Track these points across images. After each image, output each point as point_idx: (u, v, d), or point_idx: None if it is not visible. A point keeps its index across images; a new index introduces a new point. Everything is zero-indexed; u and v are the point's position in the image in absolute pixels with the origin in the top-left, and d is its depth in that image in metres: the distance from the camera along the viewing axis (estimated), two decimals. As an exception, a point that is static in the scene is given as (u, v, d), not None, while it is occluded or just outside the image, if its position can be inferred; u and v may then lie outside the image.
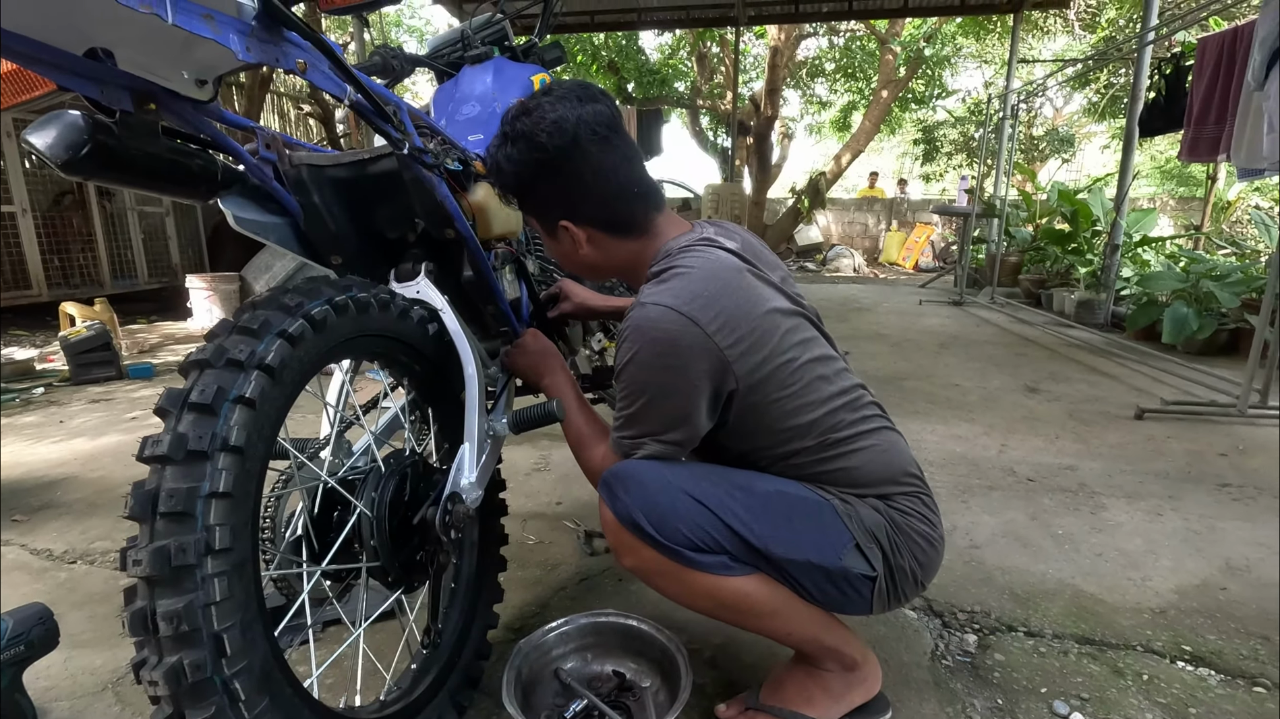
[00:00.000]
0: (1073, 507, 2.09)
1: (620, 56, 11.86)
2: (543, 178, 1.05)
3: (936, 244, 11.44)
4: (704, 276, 1.01)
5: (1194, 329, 4.08)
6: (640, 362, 1.00)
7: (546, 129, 1.01)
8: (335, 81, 0.96)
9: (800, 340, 1.07)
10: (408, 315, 1.13)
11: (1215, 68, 4.00)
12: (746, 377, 1.01)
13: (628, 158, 1.07)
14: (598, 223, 1.08)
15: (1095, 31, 11.66)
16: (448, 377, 1.22)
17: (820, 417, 1.06)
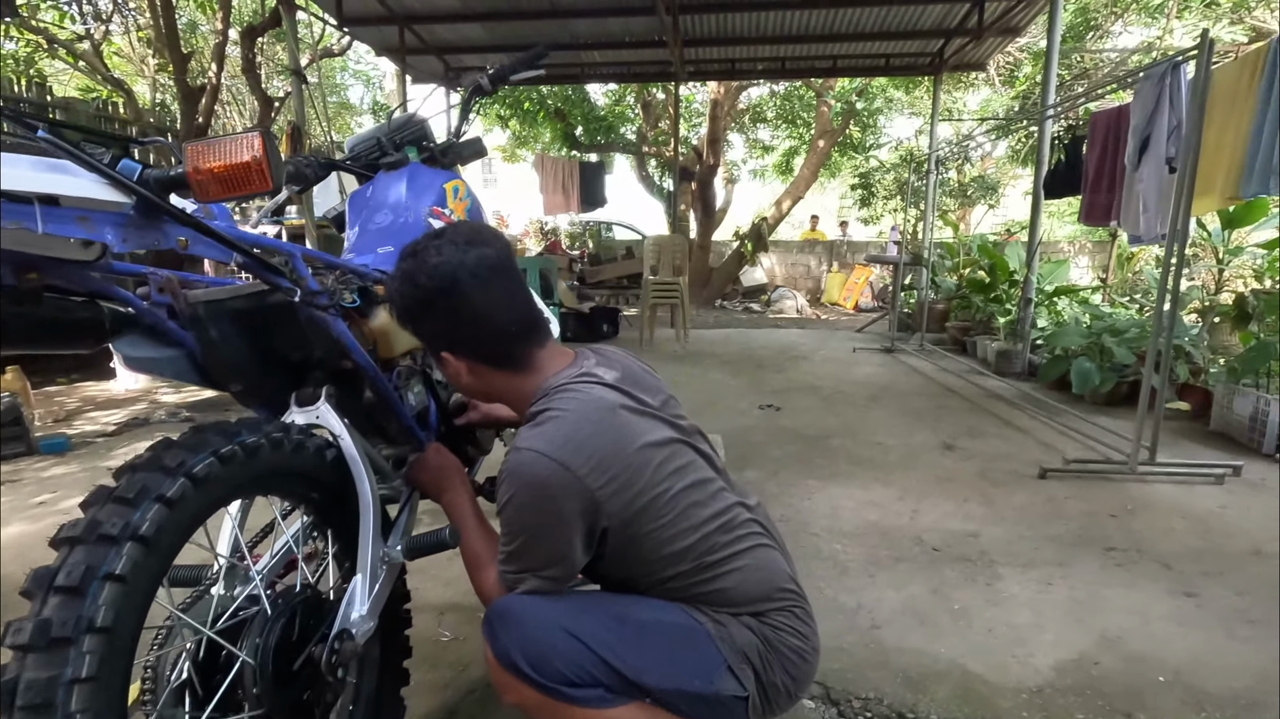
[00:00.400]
0: (971, 577, 2.21)
1: (567, 105, 12.10)
2: (424, 314, 1.14)
3: (875, 285, 11.87)
4: (577, 419, 1.08)
5: (1097, 382, 4.35)
6: (517, 504, 1.06)
7: (427, 272, 1.10)
8: (218, 249, 1.00)
9: (675, 469, 1.14)
10: (302, 448, 1.16)
11: (1105, 141, 4.36)
12: (619, 513, 1.07)
13: (509, 297, 1.15)
14: (477, 356, 1.17)
15: (1014, 85, 12.46)
16: (346, 500, 1.25)
17: (694, 542, 1.13)
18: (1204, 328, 4.54)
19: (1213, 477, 3.12)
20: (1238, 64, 3.28)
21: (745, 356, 6.29)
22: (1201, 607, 2.06)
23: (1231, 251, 4.52)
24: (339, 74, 15.19)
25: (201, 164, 0.87)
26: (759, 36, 7.57)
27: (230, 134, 0.89)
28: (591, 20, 7.14)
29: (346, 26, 7.05)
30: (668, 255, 7.15)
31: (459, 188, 1.85)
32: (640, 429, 1.13)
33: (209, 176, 0.87)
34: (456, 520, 1.31)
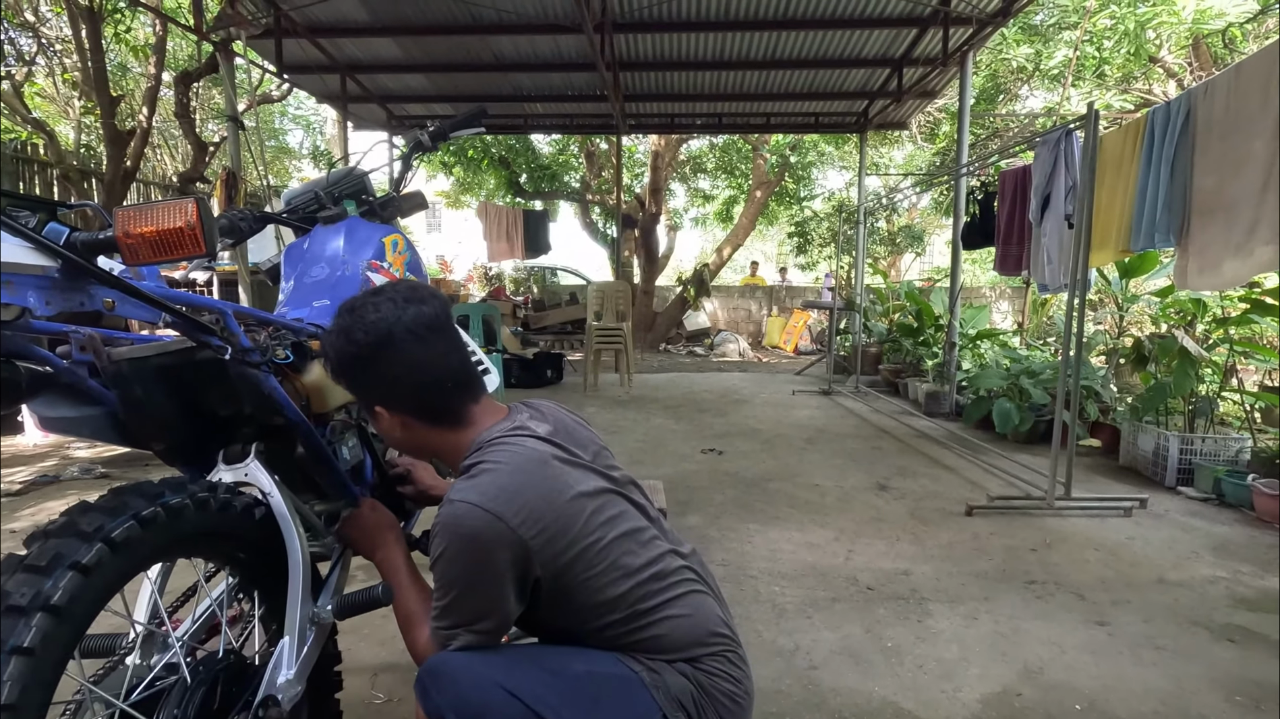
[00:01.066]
0: (903, 615, 2.29)
1: (511, 153, 12.27)
2: (359, 370, 1.16)
3: (813, 328, 12.28)
4: (510, 471, 1.10)
5: (1017, 422, 4.60)
6: (449, 557, 1.07)
7: (364, 328, 1.12)
8: (146, 309, 1.00)
9: (606, 519, 1.17)
10: (229, 507, 1.14)
11: (1013, 197, 4.71)
12: (551, 563, 1.09)
13: (444, 355, 1.17)
14: (410, 411, 1.18)
15: (935, 142, 13.32)
16: (276, 559, 1.23)
17: (627, 590, 1.15)
18: (1109, 370, 4.89)
19: (1121, 509, 3.33)
20: (1121, 131, 3.63)
21: (688, 400, 6.38)
22: (1112, 635, 2.18)
23: (1129, 299, 4.90)
24: (278, 119, 15.02)
25: (132, 228, 0.88)
26: (696, 94, 7.92)
27: (163, 200, 0.90)
28: (534, 74, 7.34)
29: (287, 74, 7.03)
30: (611, 301, 7.25)
31: (398, 241, 1.88)
32: (572, 480, 1.16)
33: (139, 241, 0.88)
34: (390, 577, 1.29)
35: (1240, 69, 2.92)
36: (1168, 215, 3.21)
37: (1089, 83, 8.58)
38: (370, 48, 6.77)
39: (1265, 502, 3.23)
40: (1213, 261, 3.02)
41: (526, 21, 6.03)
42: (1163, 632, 2.20)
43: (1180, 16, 6.73)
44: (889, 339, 7.47)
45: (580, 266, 14.92)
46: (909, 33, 6.24)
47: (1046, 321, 7.08)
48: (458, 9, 5.83)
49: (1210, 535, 3.06)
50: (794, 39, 6.43)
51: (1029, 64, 8.89)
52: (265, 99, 9.59)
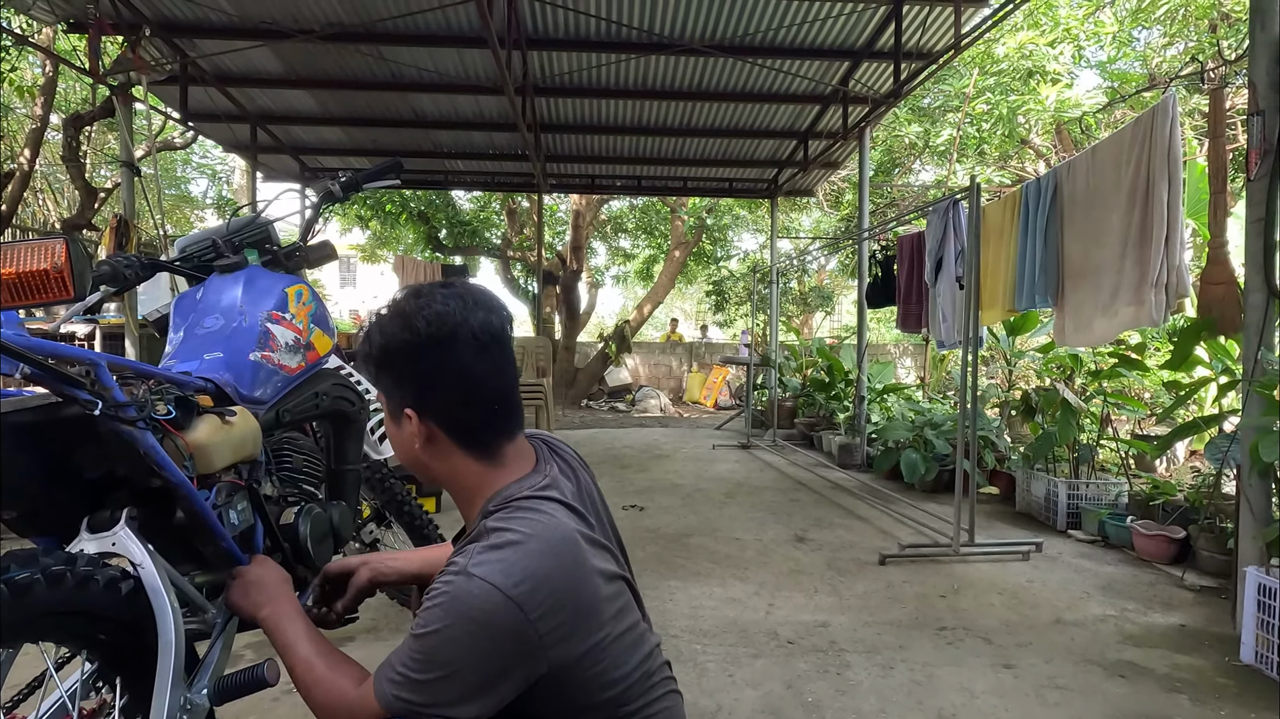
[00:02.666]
0: (823, 669, 2.29)
1: (431, 208, 12.18)
2: (406, 360, 1.02)
3: (732, 384, 12.56)
4: (539, 550, 0.97)
5: (923, 471, 4.81)
6: (449, 638, 0.93)
7: (428, 316, 1.00)
8: (2, 360, 0.90)
9: (615, 612, 1.05)
10: (89, 582, 1.02)
11: (910, 260, 5.06)
12: (559, 660, 0.97)
13: (500, 373, 1.06)
14: (444, 424, 1.04)
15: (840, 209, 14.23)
16: (144, 639, 1.10)
17: (616, 694, 1.03)
18: (1002, 420, 5.22)
19: (1020, 553, 3.51)
20: (1000, 203, 4.00)
21: (610, 457, 6.33)
22: (1018, 677, 2.25)
23: (1017, 355, 5.30)
24: (180, 167, 14.37)
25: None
26: (616, 156, 8.17)
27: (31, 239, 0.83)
28: (455, 131, 7.39)
29: (192, 122, 6.77)
30: (531, 357, 7.19)
31: (302, 292, 1.80)
32: (595, 565, 1.03)
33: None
34: (281, 636, 1.13)
35: (1095, 151, 3.30)
36: (1044, 279, 3.53)
37: (971, 159, 9.46)
38: (284, 99, 6.64)
39: (1143, 541, 3.48)
40: (1085, 321, 3.32)
41: (448, 81, 6.09)
42: (1062, 671, 2.30)
43: (1044, 105, 7.59)
44: (803, 394, 7.73)
45: (501, 322, 14.78)
46: (813, 109, 6.72)
47: (946, 376, 7.53)
48: (378, 66, 5.83)
49: (1098, 575, 3.25)
50: (708, 109, 6.78)
51: (919, 141, 9.73)
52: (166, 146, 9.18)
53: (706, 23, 5.18)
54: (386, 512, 2.37)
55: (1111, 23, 7.80)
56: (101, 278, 1.59)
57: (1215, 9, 6.56)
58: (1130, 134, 3.04)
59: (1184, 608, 2.86)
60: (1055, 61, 7.73)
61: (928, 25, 5.18)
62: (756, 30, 5.27)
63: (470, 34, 5.28)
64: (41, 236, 0.84)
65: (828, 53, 5.67)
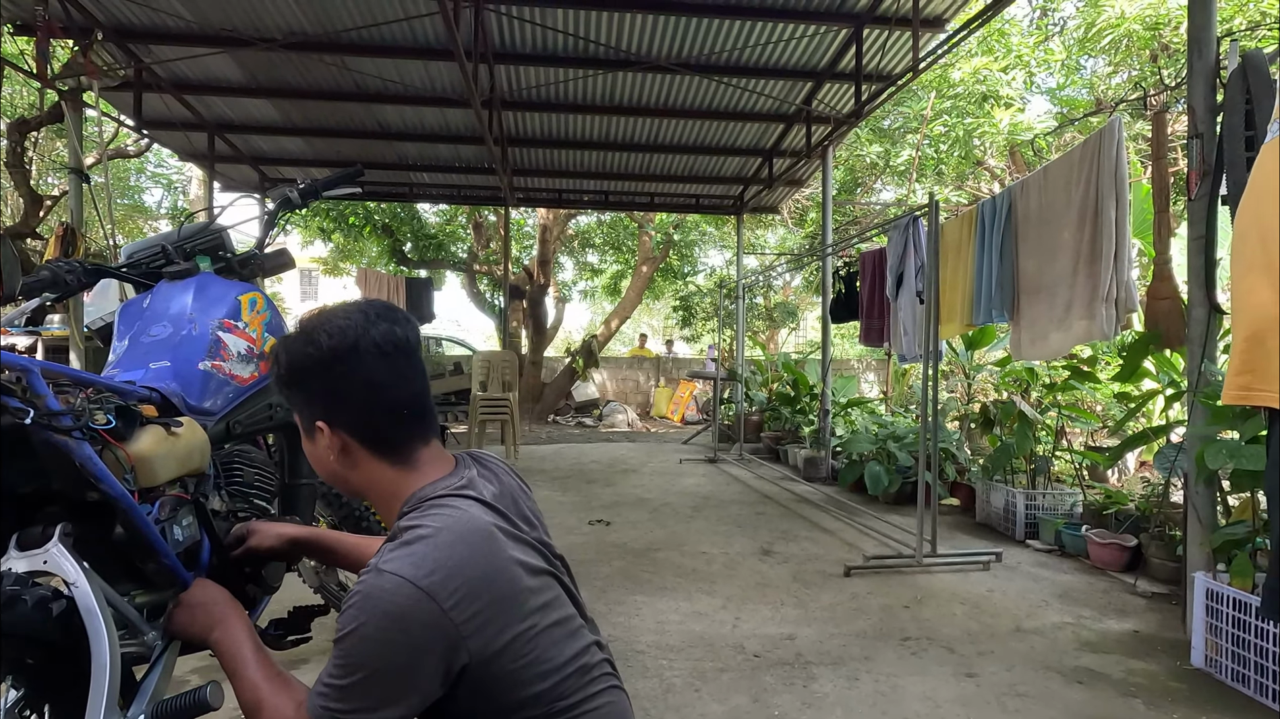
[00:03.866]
0: (789, 681, 2.28)
1: (395, 221, 12.03)
2: (312, 374, 1.05)
3: (699, 399, 12.60)
4: (450, 542, 0.98)
5: (886, 483, 4.87)
6: (364, 635, 0.92)
7: (329, 330, 1.04)
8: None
9: (541, 605, 1.05)
10: (17, 603, 0.96)
11: (873, 276, 5.15)
12: (480, 651, 0.97)
13: (407, 380, 1.08)
14: (356, 433, 1.06)
15: (804, 226, 14.48)
16: (77, 663, 1.03)
17: (550, 687, 1.03)
18: (962, 433, 5.32)
19: (981, 563, 3.56)
20: (958, 220, 4.10)
21: (576, 472, 6.27)
22: (980, 686, 2.27)
23: (975, 368, 5.42)
24: (134, 175, 13.95)
25: (-92, 268, 0.75)
26: (584, 171, 8.19)
27: (-47, 235, 0.78)
28: (421, 144, 7.32)
29: (146, 129, 6.59)
30: (497, 371, 7.11)
31: (256, 300, 1.75)
32: (514, 556, 1.04)
33: (-83, 282, 0.75)
34: (229, 659, 1.10)
35: (1047, 171, 3.41)
36: (1000, 294, 3.62)
37: (930, 179, 9.73)
38: (243, 108, 6.51)
39: (1098, 550, 3.57)
40: (1040, 334, 3.41)
41: (414, 93, 6.05)
42: (1023, 679, 2.33)
43: (998, 128, 7.85)
44: (769, 408, 7.79)
45: (466, 336, 14.62)
46: (777, 127, 6.84)
47: (908, 390, 7.67)
48: (341, 76, 5.76)
49: (1055, 584, 3.32)
50: (675, 126, 6.85)
51: (880, 161, 9.98)
52: (119, 153, 8.91)
53: (673, 41, 5.25)
54: (343, 528, 2.30)
55: (1060, 51, 8.13)
56: (41, 283, 1.53)
57: (1155, 40, 6.89)
58: (1079, 155, 3.16)
59: (1137, 614, 2.93)
60: (1008, 87, 8.02)
61: (887, 49, 5.33)
62: (722, 50, 5.36)
63: (437, 46, 5.26)
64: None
65: (791, 73, 5.79)
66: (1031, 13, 8.73)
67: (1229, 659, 2.32)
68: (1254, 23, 6.01)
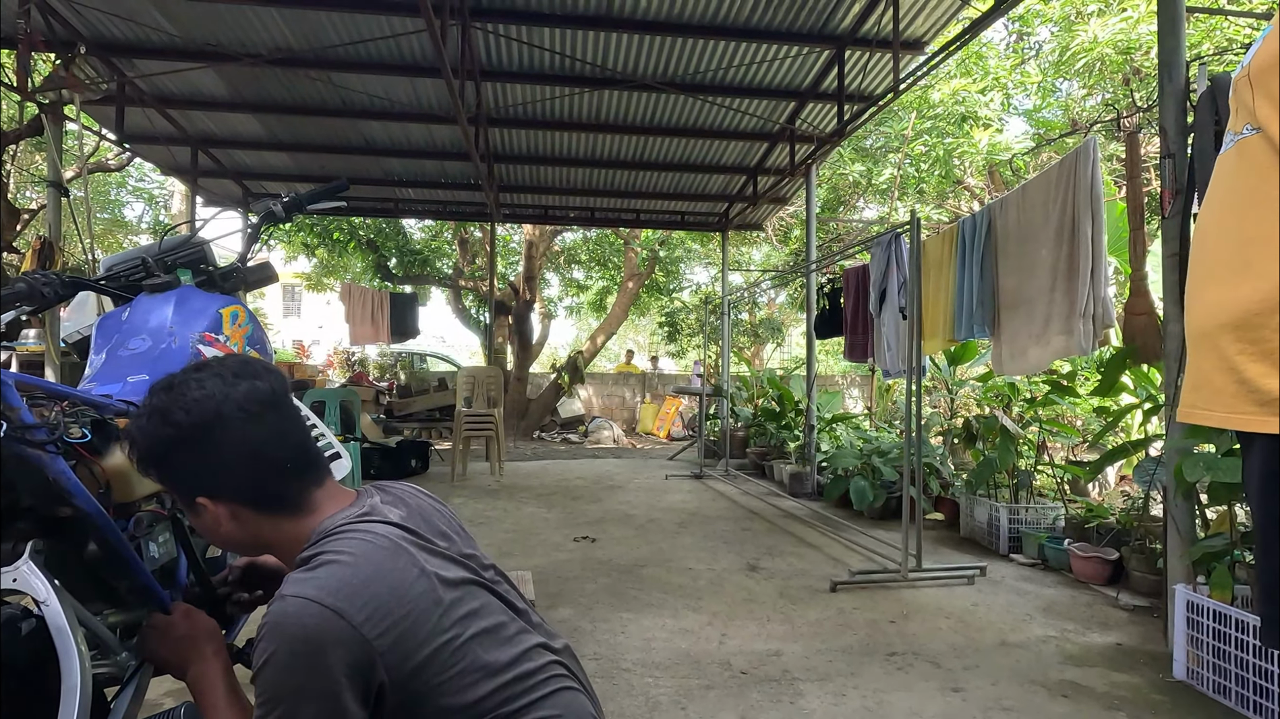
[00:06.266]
0: (776, 698, 2.26)
1: (380, 236, 11.99)
2: (177, 454, 1.00)
3: (685, 414, 12.60)
4: (354, 562, 0.98)
5: (871, 498, 4.89)
6: (277, 663, 0.91)
7: (185, 406, 0.99)
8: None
9: (466, 613, 1.06)
10: (-17, 623, 0.93)
11: (856, 292, 5.20)
12: (399, 666, 0.97)
13: (282, 433, 1.06)
14: (242, 500, 1.03)
15: (788, 244, 14.62)
16: (45, 685, 1.01)
17: (488, 693, 1.04)
18: (946, 448, 5.36)
19: (965, 578, 3.57)
20: (939, 237, 4.17)
21: (561, 488, 6.23)
22: (966, 700, 2.27)
23: (958, 384, 5.48)
24: (115, 189, 13.81)
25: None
26: (570, 188, 8.23)
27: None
28: (407, 160, 7.33)
29: (128, 143, 6.54)
30: (482, 387, 7.07)
31: (238, 313, 1.73)
32: (428, 569, 1.04)
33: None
34: (202, 700, 1.10)
35: (1025, 189, 3.48)
36: (981, 310, 3.67)
37: (911, 197, 9.88)
38: (227, 123, 6.49)
39: (1080, 564, 3.59)
40: (1020, 349, 3.46)
41: (400, 110, 6.06)
42: (1008, 693, 2.33)
43: (977, 148, 8.01)
44: (755, 423, 7.81)
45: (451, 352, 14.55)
46: (761, 146, 6.93)
47: (891, 405, 7.73)
48: (327, 92, 5.76)
49: (1039, 598, 3.34)
50: (661, 143, 6.92)
51: (862, 179, 10.12)
52: (100, 167, 8.83)
53: (658, 61, 5.32)
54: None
55: (1036, 73, 8.34)
56: (17, 295, 1.50)
57: (1128, 64, 7.09)
58: (1056, 174, 3.22)
59: (1120, 627, 2.95)
60: (986, 108, 8.19)
61: (868, 70, 5.43)
62: (707, 69, 5.43)
63: (423, 64, 5.29)
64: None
65: (775, 93, 5.88)
66: (1008, 36, 8.94)
67: (1210, 671, 2.34)
68: (1221, 47, 6.20)
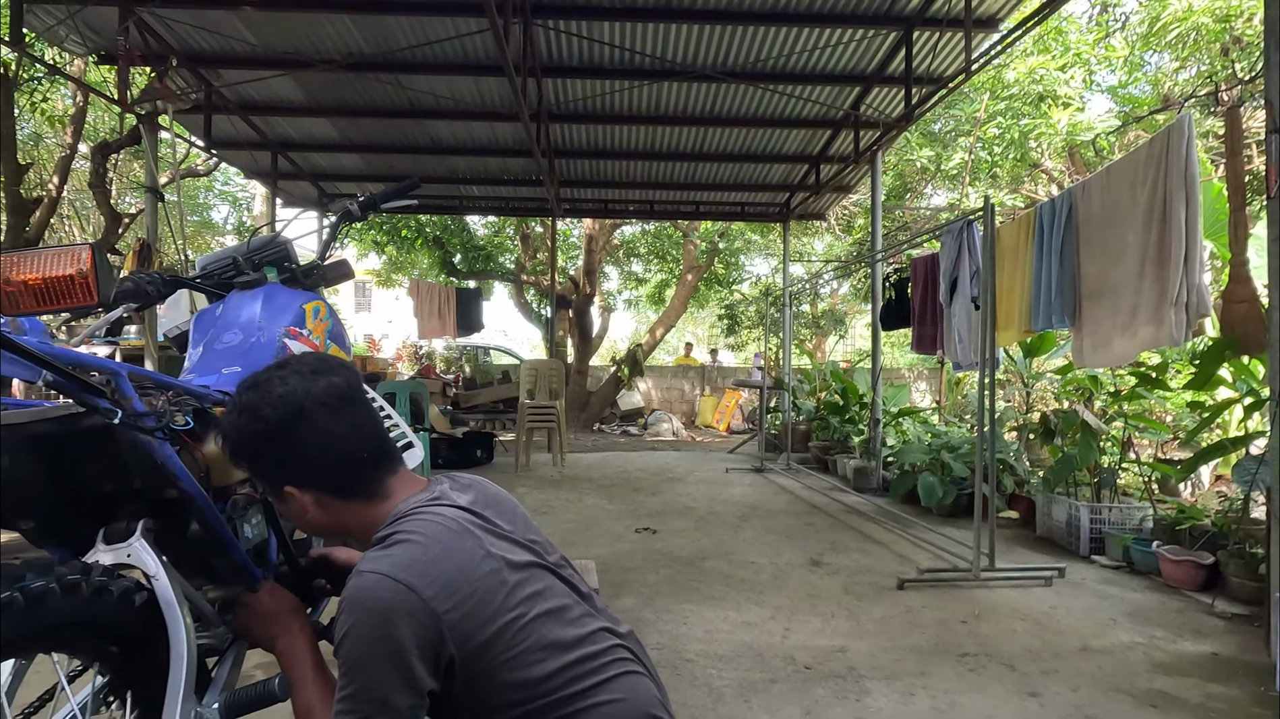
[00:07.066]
0: (841, 695, 2.23)
1: (446, 233, 12.33)
2: (266, 448, 1.10)
3: (744, 408, 12.48)
4: (425, 541, 1.04)
5: (940, 495, 4.73)
6: (355, 635, 0.98)
7: (271, 403, 1.07)
8: (26, 367, 0.91)
9: (530, 594, 1.10)
10: (104, 593, 1.02)
11: (925, 282, 5.03)
12: (467, 641, 1.01)
13: (358, 426, 1.13)
14: (324, 488, 1.12)
15: (851, 233, 14.25)
16: (155, 653, 1.09)
17: (554, 672, 1.07)
18: (1020, 444, 5.13)
19: (1042, 579, 3.42)
20: (1015, 224, 3.98)
21: (622, 480, 6.29)
22: (1044, 706, 2.18)
23: (1034, 377, 5.23)
24: (203, 193, 14.68)
25: (14, 275, 0.81)
26: (629, 181, 8.26)
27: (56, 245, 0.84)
28: (470, 158, 7.51)
29: (215, 149, 6.94)
30: (544, 380, 7.19)
31: (320, 308, 1.81)
32: (494, 550, 1.10)
33: (21, 288, 0.81)
34: (291, 670, 1.17)
35: (1110, 171, 3.28)
36: (1061, 299, 3.49)
37: (984, 183, 9.46)
38: (304, 127, 6.80)
39: (1171, 568, 3.38)
40: (1104, 340, 3.27)
41: (464, 109, 6.21)
42: (1090, 700, 2.22)
43: (1056, 128, 7.59)
44: (817, 417, 7.67)
45: (513, 346, 14.85)
46: (825, 133, 6.77)
47: (962, 400, 7.45)
48: (395, 94, 5.96)
49: (1125, 602, 3.16)
50: (721, 134, 6.85)
51: (930, 165, 9.75)
52: (190, 173, 9.39)
53: (719, 50, 5.26)
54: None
55: (1122, 47, 7.83)
56: (124, 294, 1.62)
57: (1226, 33, 6.58)
58: (1145, 153, 3.03)
59: (1215, 636, 2.77)
60: (1066, 85, 7.75)
61: (938, 51, 5.23)
62: (768, 57, 5.34)
63: (486, 62, 5.40)
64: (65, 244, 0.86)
65: (839, 78, 5.73)
66: (1091, 9, 8.44)
67: (1320, 686, 2.17)
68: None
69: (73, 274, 0.82)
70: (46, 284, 0.82)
